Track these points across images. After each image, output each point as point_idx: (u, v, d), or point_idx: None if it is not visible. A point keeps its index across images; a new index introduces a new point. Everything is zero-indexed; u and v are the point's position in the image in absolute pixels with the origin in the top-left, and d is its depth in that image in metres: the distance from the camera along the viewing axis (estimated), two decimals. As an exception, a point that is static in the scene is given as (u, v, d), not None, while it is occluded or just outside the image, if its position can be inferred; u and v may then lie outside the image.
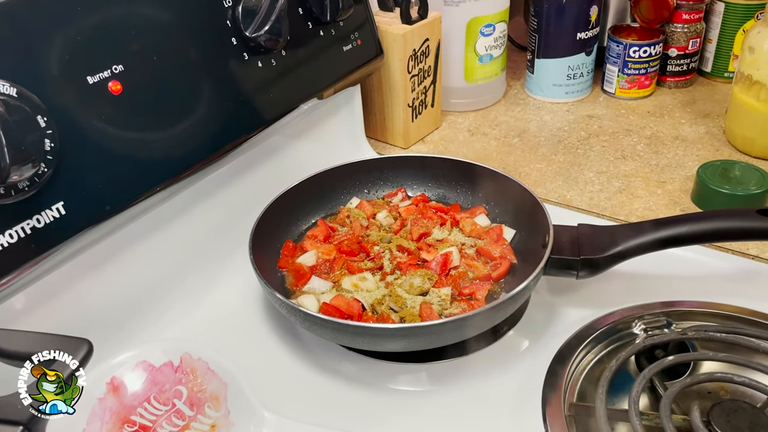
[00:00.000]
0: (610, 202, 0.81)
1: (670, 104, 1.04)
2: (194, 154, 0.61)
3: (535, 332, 0.63)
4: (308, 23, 0.73)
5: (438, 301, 0.62)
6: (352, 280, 0.66)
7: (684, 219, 0.60)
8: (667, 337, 0.58)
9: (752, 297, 0.63)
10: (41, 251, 0.50)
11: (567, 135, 0.97)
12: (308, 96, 0.74)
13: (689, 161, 0.88)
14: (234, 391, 0.56)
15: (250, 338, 0.65)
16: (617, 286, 0.67)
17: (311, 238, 0.73)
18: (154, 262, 0.66)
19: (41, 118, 0.48)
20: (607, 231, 0.63)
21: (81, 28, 0.52)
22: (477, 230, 0.72)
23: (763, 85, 0.82)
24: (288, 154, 0.81)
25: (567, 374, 0.57)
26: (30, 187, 0.48)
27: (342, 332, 0.57)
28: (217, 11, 0.63)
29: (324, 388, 0.60)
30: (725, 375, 0.54)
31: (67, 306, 0.58)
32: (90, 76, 0.52)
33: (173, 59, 0.59)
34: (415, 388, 0.60)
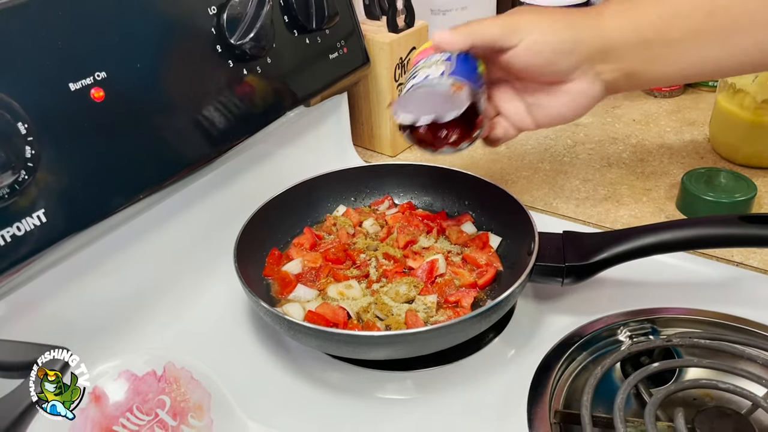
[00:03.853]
0: (596, 209, 0.81)
1: (656, 113, 1.04)
2: (178, 162, 0.61)
3: (521, 339, 0.63)
4: (294, 31, 0.73)
5: (424, 308, 0.62)
6: (337, 288, 0.66)
7: (668, 226, 0.61)
8: (653, 344, 0.58)
9: (736, 303, 0.63)
10: (21, 260, 0.49)
11: (553, 143, 0.97)
12: (294, 104, 0.74)
13: (674, 169, 0.88)
14: (218, 401, 0.56)
15: (235, 347, 0.65)
16: (602, 293, 0.67)
17: (297, 246, 0.73)
18: (137, 271, 0.65)
19: (22, 124, 0.48)
20: (592, 238, 0.63)
21: (63, 33, 0.52)
22: (463, 238, 0.72)
23: (747, 93, 0.83)
24: (274, 162, 0.81)
25: (552, 382, 0.56)
26: (10, 195, 0.47)
27: (327, 340, 0.56)
28: (202, 18, 0.62)
29: (309, 396, 0.59)
30: (710, 381, 0.54)
31: (49, 314, 0.58)
32: (72, 82, 0.52)
33: (157, 66, 0.59)
34: (400, 396, 0.60)
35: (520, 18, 0.59)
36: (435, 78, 0.58)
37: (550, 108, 0.63)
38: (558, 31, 0.58)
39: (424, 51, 0.62)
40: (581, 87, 0.61)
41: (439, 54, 0.60)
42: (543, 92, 0.62)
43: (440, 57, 0.60)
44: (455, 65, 0.59)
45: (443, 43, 0.59)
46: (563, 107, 0.63)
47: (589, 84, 0.60)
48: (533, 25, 0.58)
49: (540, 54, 0.58)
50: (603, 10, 0.59)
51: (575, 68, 0.59)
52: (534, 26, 0.58)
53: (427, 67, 0.60)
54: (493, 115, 0.66)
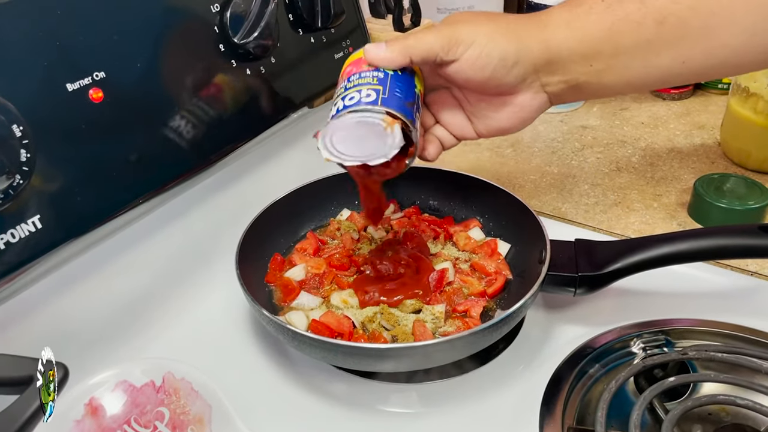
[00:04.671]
0: (605, 215, 0.80)
1: (665, 115, 1.03)
2: (178, 166, 0.59)
3: (531, 350, 0.61)
4: (299, 30, 0.71)
5: (431, 318, 0.60)
6: (341, 296, 0.64)
7: (684, 235, 0.59)
8: (667, 358, 0.56)
9: (752, 314, 0.62)
10: (15, 268, 0.48)
11: (561, 146, 0.96)
12: (298, 105, 0.72)
13: (685, 174, 0.86)
14: (219, 414, 0.54)
15: (236, 357, 0.63)
16: (614, 303, 0.65)
17: (300, 251, 0.71)
18: (135, 277, 0.63)
19: (17, 127, 0.46)
20: (606, 247, 0.61)
21: (60, 32, 0.50)
22: (471, 244, 0.70)
23: (761, 97, 0.81)
24: (277, 165, 0.79)
25: (564, 396, 0.55)
26: (4, 200, 0.46)
27: (332, 352, 0.54)
28: (205, 16, 0.60)
29: (312, 409, 0.57)
30: (728, 397, 0.52)
31: (43, 323, 0.56)
32: (70, 83, 0.50)
33: (157, 66, 0.57)
34: (405, 410, 0.58)
35: (461, 28, 0.54)
36: (366, 106, 0.52)
37: (493, 119, 0.60)
38: (502, 42, 0.54)
39: (357, 62, 0.56)
40: (525, 99, 0.58)
41: (372, 71, 0.54)
42: (485, 103, 0.59)
43: (373, 75, 0.54)
44: (389, 88, 0.53)
45: (377, 60, 0.54)
46: (506, 119, 0.59)
47: (533, 96, 0.58)
48: (476, 37, 0.53)
49: (483, 68, 0.54)
50: (550, 18, 0.56)
51: (520, 81, 0.56)
52: (477, 37, 0.53)
53: (359, 86, 0.54)
54: (431, 124, 0.62)
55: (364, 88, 0.53)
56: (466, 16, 0.57)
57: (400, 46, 0.54)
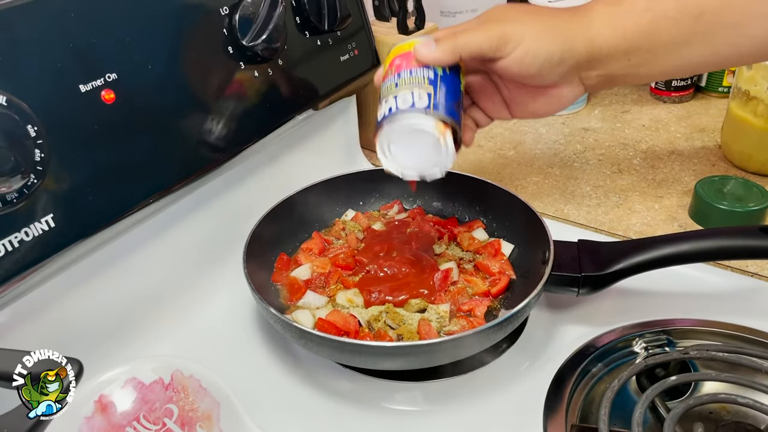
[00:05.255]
0: (607, 216, 0.80)
1: (666, 118, 1.03)
2: (187, 166, 0.60)
3: (534, 350, 0.62)
4: (305, 33, 0.71)
5: (436, 318, 0.61)
6: (346, 295, 0.65)
7: (687, 237, 0.60)
8: (669, 357, 0.57)
9: (752, 314, 0.63)
10: (29, 265, 0.48)
11: (563, 148, 0.96)
12: (304, 106, 0.72)
13: (686, 176, 0.87)
14: (227, 410, 0.55)
15: (244, 354, 0.64)
16: (616, 303, 0.66)
17: (306, 251, 0.72)
18: (144, 275, 0.64)
19: (31, 127, 0.46)
20: (609, 247, 0.62)
21: (74, 34, 0.50)
22: (475, 244, 0.71)
23: (761, 101, 0.82)
24: (282, 165, 0.79)
25: (568, 394, 0.56)
26: (18, 199, 0.46)
27: (339, 350, 0.55)
28: (214, 19, 0.61)
29: (318, 406, 0.58)
30: (728, 396, 0.53)
31: (54, 320, 0.57)
32: (82, 84, 0.51)
33: (168, 67, 0.57)
34: (409, 408, 0.59)
35: (509, 27, 0.56)
36: (420, 112, 0.54)
37: (530, 105, 0.63)
38: (549, 42, 0.56)
39: (406, 56, 0.57)
40: (563, 91, 0.61)
41: (422, 69, 0.56)
42: (524, 92, 0.62)
43: (425, 75, 0.56)
44: (440, 90, 0.55)
45: (429, 60, 0.56)
46: (543, 106, 0.63)
47: (571, 88, 0.61)
48: (524, 36, 0.56)
49: (529, 67, 0.56)
50: (594, 16, 0.57)
51: (562, 77, 0.59)
52: (525, 37, 0.56)
53: (410, 85, 0.55)
54: (467, 105, 0.65)
55: (416, 89, 0.55)
56: (511, 12, 0.59)
57: (451, 45, 0.55)
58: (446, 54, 0.56)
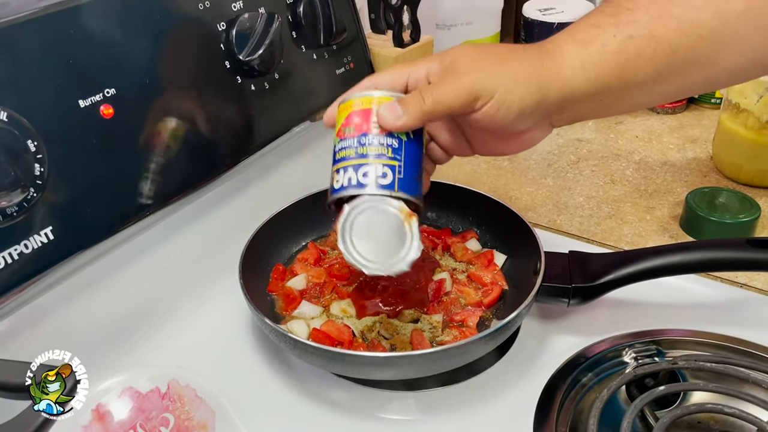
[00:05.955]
0: (599, 227, 0.81)
1: (658, 129, 1.05)
2: (185, 179, 0.61)
3: (526, 360, 0.63)
4: (302, 47, 0.73)
5: (429, 328, 0.62)
6: (341, 306, 0.65)
7: (676, 248, 0.61)
8: (658, 367, 0.58)
9: (740, 325, 0.63)
10: (28, 277, 0.49)
11: (557, 159, 0.97)
12: (300, 119, 0.74)
13: (677, 187, 0.88)
14: (222, 420, 0.55)
15: (239, 364, 0.64)
16: (607, 313, 0.67)
17: (301, 261, 0.73)
18: (140, 286, 0.65)
19: (31, 142, 0.48)
20: (599, 259, 0.63)
21: (73, 50, 0.52)
22: (468, 255, 0.72)
23: (751, 114, 0.83)
24: (278, 176, 0.81)
25: (558, 404, 0.56)
26: (18, 213, 0.47)
27: (333, 360, 0.56)
28: (211, 34, 0.62)
29: (313, 416, 0.59)
30: (716, 406, 0.54)
31: (51, 330, 0.58)
32: (82, 99, 0.52)
33: (166, 82, 0.59)
34: (404, 417, 0.60)
35: (478, 79, 0.51)
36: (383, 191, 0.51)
37: (495, 146, 0.59)
38: (522, 92, 0.52)
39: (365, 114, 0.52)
40: (532, 134, 0.57)
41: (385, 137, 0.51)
42: (490, 135, 0.57)
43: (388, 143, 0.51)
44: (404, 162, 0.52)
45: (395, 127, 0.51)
46: (509, 148, 0.59)
47: (541, 131, 0.57)
48: (495, 89, 0.51)
49: (502, 120, 0.52)
50: (564, 60, 0.53)
51: (533, 124, 0.55)
52: (496, 89, 0.51)
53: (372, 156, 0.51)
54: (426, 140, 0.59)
55: (379, 163, 0.51)
56: (477, 59, 0.54)
57: (419, 110, 0.51)
58: (415, 121, 0.51)
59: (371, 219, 0.51)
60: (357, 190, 0.51)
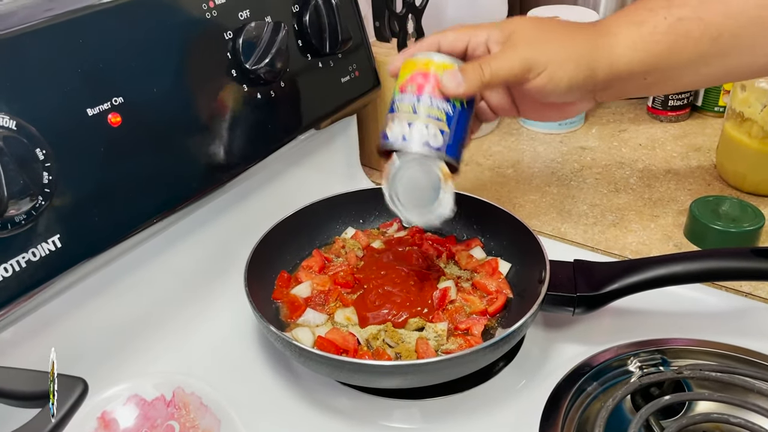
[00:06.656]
0: (604, 235, 0.81)
1: (662, 137, 1.05)
2: (191, 186, 0.61)
3: (531, 368, 0.63)
4: (307, 55, 0.73)
5: (434, 336, 0.62)
6: (345, 314, 0.66)
7: (680, 258, 0.61)
8: (663, 376, 0.58)
9: (745, 334, 0.64)
10: (36, 285, 0.49)
11: (560, 166, 0.98)
12: (306, 127, 0.74)
13: (681, 195, 0.88)
14: (227, 427, 0.56)
15: (244, 372, 0.64)
16: (612, 322, 0.67)
17: (306, 268, 0.73)
18: (146, 293, 0.65)
19: (40, 150, 0.48)
20: (604, 268, 0.63)
21: (81, 59, 0.52)
22: (473, 263, 0.72)
23: (755, 122, 0.83)
24: (283, 184, 0.81)
25: (563, 413, 0.56)
26: (26, 221, 0.47)
27: (338, 368, 0.56)
28: (218, 43, 0.63)
29: (317, 423, 0.59)
30: (721, 416, 0.54)
31: (57, 337, 0.58)
32: (90, 108, 0.52)
33: (173, 91, 0.59)
34: (408, 426, 0.60)
35: (532, 53, 0.56)
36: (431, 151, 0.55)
37: (540, 113, 0.65)
38: (572, 69, 0.56)
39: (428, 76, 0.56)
40: (576, 106, 0.62)
41: (443, 102, 0.56)
42: (537, 103, 0.62)
43: (443, 108, 0.56)
44: (455, 128, 0.56)
45: (454, 94, 0.56)
46: (552, 115, 0.64)
47: (584, 104, 0.62)
48: (547, 63, 0.55)
49: (550, 93, 0.57)
50: (618, 40, 0.57)
51: (579, 98, 0.60)
52: (548, 64, 0.55)
53: (428, 117, 0.55)
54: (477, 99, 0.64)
55: (433, 124, 0.56)
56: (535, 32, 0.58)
57: (478, 79, 0.55)
58: (473, 89, 0.56)
59: (416, 174, 0.57)
60: (408, 146, 0.56)
